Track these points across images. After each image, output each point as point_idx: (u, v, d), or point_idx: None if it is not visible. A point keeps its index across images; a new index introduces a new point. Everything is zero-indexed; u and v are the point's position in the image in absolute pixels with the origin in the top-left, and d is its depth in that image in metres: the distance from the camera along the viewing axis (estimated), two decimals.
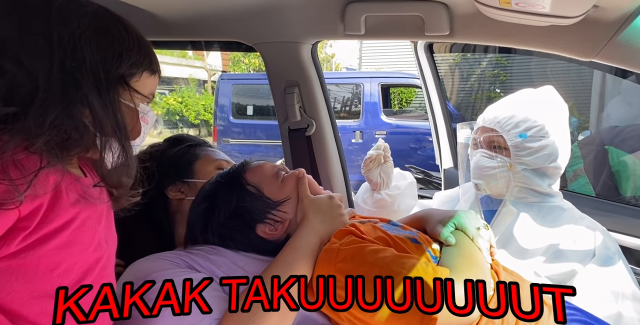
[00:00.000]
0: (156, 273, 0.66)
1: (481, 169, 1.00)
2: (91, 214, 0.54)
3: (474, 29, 0.92)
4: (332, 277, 0.60)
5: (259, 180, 0.77)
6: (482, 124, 1.02)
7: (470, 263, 0.68)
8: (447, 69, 3.16)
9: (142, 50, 0.57)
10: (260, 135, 5.08)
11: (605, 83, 1.97)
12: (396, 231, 0.75)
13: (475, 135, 1.04)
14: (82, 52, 0.50)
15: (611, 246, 0.91)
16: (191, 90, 8.84)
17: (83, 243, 0.53)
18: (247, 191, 0.76)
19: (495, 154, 0.99)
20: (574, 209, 1.00)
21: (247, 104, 5.19)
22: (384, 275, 0.60)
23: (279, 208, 0.76)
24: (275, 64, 1.21)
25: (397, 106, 7.91)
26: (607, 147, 1.60)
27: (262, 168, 0.80)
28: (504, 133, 0.96)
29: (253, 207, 0.75)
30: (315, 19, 1.06)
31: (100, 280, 0.55)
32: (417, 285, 0.60)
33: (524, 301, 0.68)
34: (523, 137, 0.95)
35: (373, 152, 1.07)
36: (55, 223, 0.49)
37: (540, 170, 0.97)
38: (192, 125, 8.55)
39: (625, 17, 0.70)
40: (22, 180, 0.44)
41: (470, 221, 0.76)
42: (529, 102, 0.99)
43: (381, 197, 1.09)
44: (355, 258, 0.65)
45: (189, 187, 0.90)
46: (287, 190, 0.78)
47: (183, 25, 1.12)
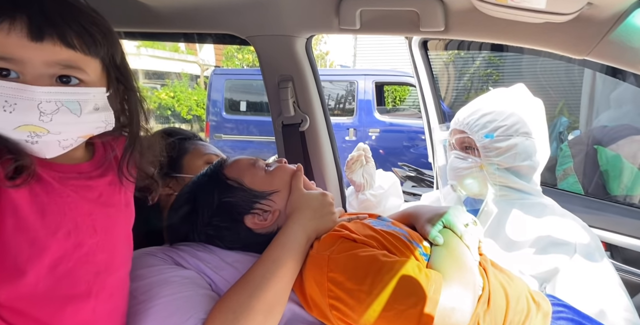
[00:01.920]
0: (143, 270, 0.65)
1: (455, 170, 1.01)
2: (55, 199, 0.52)
3: (469, 25, 0.92)
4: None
5: (237, 173, 0.76)
6: (453, 126, 1.03)
7: (458, 264, 0.68)
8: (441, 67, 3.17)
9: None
10: (254, 131, 5.05)
11: (595, 84, 1.99)
12: (386, 227, 0.75)
13: (449, 137, 1.06)
14: None
15: (592, 242, 0.92)
16: (183, 85, 8.75)
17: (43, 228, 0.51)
18: (228, 185, 0.75)
19: (467, 155, 1.00)
20: (556, 205, 1.00)
21: (240, 100, 5.15)
22: (378, 287, 0.60)
23: (267, 199, 0.75)
24: (269, 57, 1.19)
25: (391, 104, 7.93)
26: (597, 146, 1.62)
27: (238, 162, 0.79)
28: (472, 134, 0.97)
29: (237, 199, 0.74)
30: (310, 12, 1.05)
31: (83, 267, 0.53)
32: (408, 289, 0.60)
33: (513, 300, 0.68)
34: (490, 137, 0.95)
35: (354, 153, 1.08)
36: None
37: (514, 169, 0.97)
38: (184, 121, 8.47)
39: (618, 15, 0.71)
40: None
41: (458, 218, 0.76)
42: (499, 101, 1.00)
43: (366, 198, 1.09)
44: (347, 269, 0.63)
45: (177, 182, 0.89)
46: (277, 182, 0.77)
47: (176, 17, 1.10)
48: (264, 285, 0.62)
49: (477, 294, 0.66)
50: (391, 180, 1.14)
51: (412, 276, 0.62)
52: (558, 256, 0.90)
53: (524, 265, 0.92)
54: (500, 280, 0.72)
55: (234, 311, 0.59)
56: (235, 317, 0.58)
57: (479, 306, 0.66)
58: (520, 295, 0.70)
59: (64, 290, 0.53)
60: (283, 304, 0.64)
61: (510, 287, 0.71)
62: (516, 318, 0.66)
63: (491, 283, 0.70)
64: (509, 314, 0.66)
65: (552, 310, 0.70)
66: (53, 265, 0.51)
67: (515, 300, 0.69)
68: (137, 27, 1.15)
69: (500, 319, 0.65)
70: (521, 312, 0.68)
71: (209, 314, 0.59)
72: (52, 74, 0.50)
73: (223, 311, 0.59)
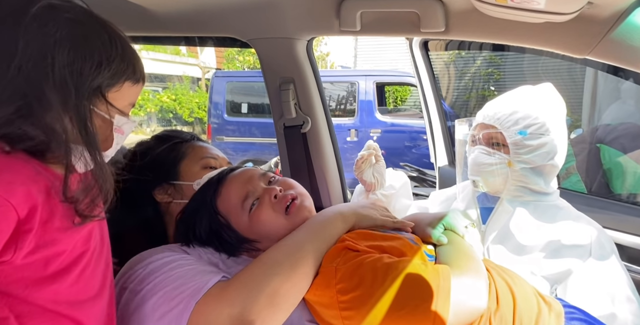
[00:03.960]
0: (150, 259, 0.66)
1: (479, 165, 0.99)
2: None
3: (469, 25, 0.92)
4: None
5: (226, 210, 0.72)
6: (481, 120, 1.01)
7: (467, 256, 0.68)
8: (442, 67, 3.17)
9: (126, 59, 0.55)
10: (255, 133, 5.05)
11: (597, 82, 1.98)
12: (389, 231, 0.75)
13: (474, 131, 1.03)
14: (51, 60, 0.48)
15: (607, 245, 0.91)
16: (185, 88, 8.77)
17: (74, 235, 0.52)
18: (218, 221, 0.72)
19: (494, 151, 0.98)
20: (571, 207, 1.00)
21: (241, 102, 5.16)
22: (387, 288, 0.60)
23: (254, 245, 0.72)
24: (270, 60, 1.20)
25: (392, 104, 7.92)
26: (599, 145, 1.62)
27: (228, 196, 0.72)
28: (503, 130, 0.95)
29: (226, 238, 0.71)
30: (311, 14, 1.05)
31: (91, 267, 0.54)
32: (417, 284, 0.60)
33: (520, 297, 0.68)
34: (523, 135, 0.94)
35: (364, 152, 1.05)
36: (56, 223, 0.48)
37: (538, 168, 0.96)
38: (186, 123, 8.49)
39: (618, 14, 0.71)
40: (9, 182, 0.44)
41: (458, 220, 0.77)
42: (529, 99, 0.98)
43: (377, 198, 1.07)
44: (354, 276, 0.63)
45: (175, 190, 0.87)
46: (256, 230, 0.71)
47: (176, 20, 1.11)
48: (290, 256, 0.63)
49: (488, 283, 0.67)
50: (402, 180, 1.11)
51: (419, 272, 0.62)
52: (571, 259, 0.89)
53: (536, 266, 0.91)
54: (505, 279, 0.72)
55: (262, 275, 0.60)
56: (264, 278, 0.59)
57: (489, 303, 0.66)
58: (527, 293, 0.70)
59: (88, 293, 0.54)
60: (309, 278, 0.64)
61: (515, 285, 0.71)
62: (526, 315, 0.66)
63: (496, 282, 0.70)
64: (517, 311, 0.66)
65: (564, 311, 0.70)
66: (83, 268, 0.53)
67: (522, 298, 0.69)
68: (138, 31, 1.16)
69: (510, 317, 0.65)
70: (531, 310, 0.67)
71: (230, 280, 0.60)
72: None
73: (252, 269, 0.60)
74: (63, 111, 0.49)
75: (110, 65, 0.53)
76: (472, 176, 1.03)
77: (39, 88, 0.48)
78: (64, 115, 0.49)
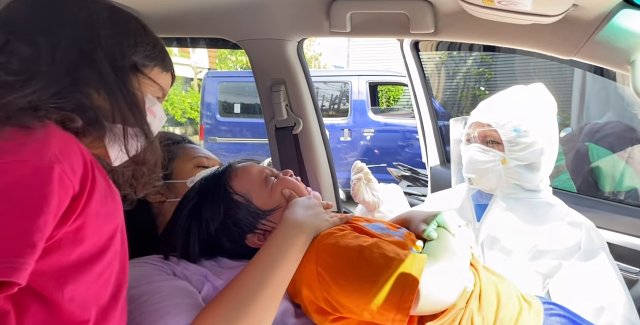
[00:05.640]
0: (134, 278, 0.63)
1: (475, 163, 1.01)
2: (110, 201, 0.53)
3: (458, 27, 0.93)
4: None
5: (247, 188, 0.73)
6: (476, 119, 1.03)
7: (448, 251, 0.69)
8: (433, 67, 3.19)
9: (158, 47, 0.59)
10: (248, 133, 5.04)
11: (585, 81, 2.01)
12: (380, 230, 0.76)
13: (469, 130, 1.05)
14: (97, 33, 0.52)
15: (597, 240, 0.93)
16: (177, 88, 8.71)
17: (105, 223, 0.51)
18: (235, 202, 0.72)
19: (489, 149, 1.00)
20: (562, 204, 1.02)
21: (234, 102, 5.13)
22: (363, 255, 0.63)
23: (269, 218, 0.74)
24: (261, 61, 1.20)
25: (385, 104, 7.95)
26: (588, 143, 1.64)
27: (249, 174, 0.76)
28: (498, 128, 0.98)
29: (242, 218, 0.72)
30: (301, 16, 1.05)
31: (110, 269, 0.53)
32: (387, 264, 0.62)
33: (504, 296, 0.69)
34: (517, 132, 0.96)
35: (354, 179, 1.05)
36: (92, 204, 0.47)
37: (532, 165, 0.99)
38: (178, 124, 8.43)
39: (603, 16, 0.72)
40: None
41: (451, 219, 0.77)
42: (522, 98, 1.01)
43: (383, 215, 1.06)
44: (336, 247, 0.65)
45: (168, 189, 0.87)
46: (277, 197, 0.75)
47: (166, 22, 1.10)
48: (254, 289, 0.60)
49: (467, 280, 0.68)
50: (396, 192, 1.12)
51: (392, 254, 0.63)
52: (562, 253, 0.91)
53: (528, 262, 0.93)
54: (491, 278, 0.73)
55: (223, 316, 0.57)
56: (226, 322, 0.56)
57: (471, 302, 0.67)
58: (510, 293, 0.71)
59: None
60: (275, 307, 0.62)
61: (501, 284, 0.72)
62: (508, 314, 0.67)
63: (482, 280, 0.71)
64: (501, 310, 0.67)
65: (544, 308, 0.71)
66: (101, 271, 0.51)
67: (506, 297, 0.70)
68: None
69: (492, 315, 0.66)
70: (513, 309, 0.69)
71: (196, 319, 0.57)
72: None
73: (213, 316, 0.57)
74: (113, 83, 0.52)
75: (145, 47, 0.57)
76: (467, 174, 1.05)
77: (91, 58, 0.51)
78: (114, 87, 0.52)
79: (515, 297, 0.71)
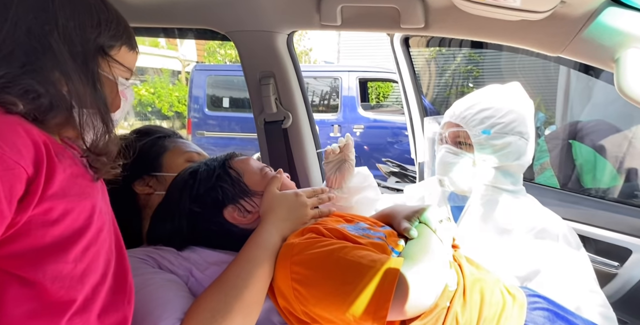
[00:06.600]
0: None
1: (445, 164, 0.99)
2: (82, 181, 0.51)
3: (448, 22, 0.93)
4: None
5: (242, 168, 0.81)
6: (448, 119, 1.01)
7: (427, 252, 0.69)
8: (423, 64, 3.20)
9: (122, 24, 0.56)
10: (236, 128, 4.99)
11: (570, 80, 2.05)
12: (361, 231, 0.76)
13: (441, 130, 1.03)
14: (54, 16, 0.48)
15: (572, 240, 0.92)
16: (164, 81, 8.54)
17: (84, 209, 0.50)
18: (228, 173, 0.78)
19: (460, 150, 0.98)
20: (536, 202, 1.01)
21: (222, 96, 5.07)
22: (337, 265, 0.62)
23: (253, 199, 0.77)
24: (250, 53, 1.18)
25: (375, 100, 7.97)
26: (571, 141, 1.68)
27: (249, 160, 0.83)
28: (468, 129, 0.95)
29: (229, 188, 0.77)
30: (291, 8, 1.04)
31: (100, 253, 0.52)
32: (361, 266, 0.62)
33: (488, 293, 0.70)
34: (486, 134, 0.94)
35: (331, 147, 0.97)
36: (55, 186, 0.46)
37: (503, 168, 0.96)
38: (165, 117, 8.29)
39: (589, 13, 0.73)
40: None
41: (433, 215, 0.77)
42: (496, 98, 0.98)
43: (351, 206, 0.99)
44: (310, 260, 0.65)
45: (157, 181, 0.87)
46: (265, 184, 0.79)
47: (153, 11, 1.07)
48: (241, 284, 0.62)
49: (448, 279, 0.68)
50: (364, 173, 1.01)
51: (366, 262, 0.63)
52: (539, 254, 0.90)
53: (505, 263, 0.92)
54: (475, 275, 0.74)
55: (212, 310, 0.58)
56: (213, 316, 0.58)
57: (455, 301, 0.67)
58: (494, 288, 0.72)
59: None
60: (260, 303, 0.64)
61: (485, 281, 0.73)
62: (492, 310, 0.68)
63: (466, 278, 0.71)
64: (484, 307, 0.68)
65: (528, 301, 0.72)
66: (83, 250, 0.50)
67: (490, 293, 0.70)
68: None
69: (476, 313, 0.67)
70: (496, 305, 0.69)
71: (186, 314, 0.59)
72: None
73: (200, 311, 0.58)
74: (72, 71, 0.48)
75: (109, 26, 0.53)
76: (438, 175, 1.02)
77: (44, 41, 0.47)
78: (74, 75, 0.49)
79: (498, 292, 0.72)
